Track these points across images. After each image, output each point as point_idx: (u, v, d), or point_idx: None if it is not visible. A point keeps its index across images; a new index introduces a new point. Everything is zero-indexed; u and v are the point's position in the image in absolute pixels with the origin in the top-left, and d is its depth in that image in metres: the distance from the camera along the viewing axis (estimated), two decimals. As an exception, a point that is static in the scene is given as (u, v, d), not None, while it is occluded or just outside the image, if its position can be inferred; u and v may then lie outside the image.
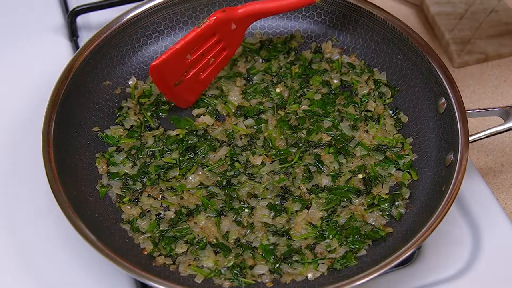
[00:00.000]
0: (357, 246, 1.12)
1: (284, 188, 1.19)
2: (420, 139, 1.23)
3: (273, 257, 1.12)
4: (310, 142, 1.23)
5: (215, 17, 1.22)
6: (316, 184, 1.19)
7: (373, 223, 1.15)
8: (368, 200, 1.17)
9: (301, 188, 1.19)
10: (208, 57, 1.26)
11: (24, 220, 1.19)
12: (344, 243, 1.13)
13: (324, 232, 1.14)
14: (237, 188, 1.19)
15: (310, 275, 1.10)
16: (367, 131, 1.25)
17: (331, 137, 1.24)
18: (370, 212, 1.16)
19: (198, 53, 1.24)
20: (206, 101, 1.29)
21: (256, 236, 1.14)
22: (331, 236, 1.14)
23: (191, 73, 1.25)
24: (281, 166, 1.21)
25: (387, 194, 1.18)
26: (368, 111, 1.27)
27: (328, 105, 1.28)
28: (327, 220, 1.15)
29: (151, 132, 1.25)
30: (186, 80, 1.25)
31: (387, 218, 1.16)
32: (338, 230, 1.14)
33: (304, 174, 1.20)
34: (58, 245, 1.16)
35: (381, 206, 1.16)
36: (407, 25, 1.28)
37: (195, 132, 1.25)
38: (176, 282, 1.08)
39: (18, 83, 1.35)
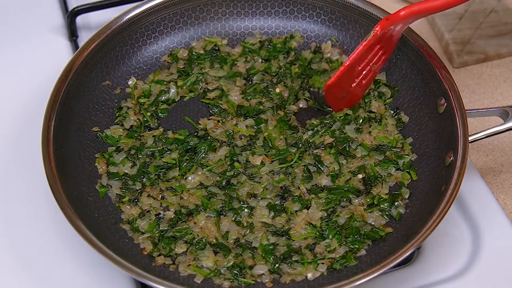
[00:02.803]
0: (356, 246, 1.12)
1: (283, 188, 1.19)
2: (420, 139, 1.23)
3: (272, 257, 1.12)
4: (310, 143, 1.23)
5: (380, 28, 1.20)
6: (316, 184, 1.19)
7: (373, 223, 1.15)
8: (368, 200, 1.17)
9: (300, 188, 1.18)
10: (371, 64, 1.25)
11: (24, 220, 1.19)
12: (344, 243, 1.13)
13: (323, 232, 1.14)
14: (237, 188, 1.19)
15: (309, 275, 1.10)
16: (370, 132, 1.25)
17: (333, 139, 1.23)
18: (369, 212, 1.16)
19: (364, 63, 1.24)
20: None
21: (256, 236, 1.14)
22: (330, 236, 1.13)
23: (356, 82, 1.26)
24: (281, 166, 1.21)
25: (386, 194, 1.18)
26: (371, 112, 1.27)
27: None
28: (326, 220, 1.15)
29: (150, 132, 1.25)
30: (352, 89, 1.26)
31: (386, 218, 1.16)
32: (337, 230, 1.14)
33: (304, 174, 1.20)
34: (58, 245, 1.16)
35: (381, 206, 1.16)
36: (407, 25, 1.28)
37: (195, 133, 1.25)
38: (176, 282, 1.08)
39: (18, 83, 1.35)
